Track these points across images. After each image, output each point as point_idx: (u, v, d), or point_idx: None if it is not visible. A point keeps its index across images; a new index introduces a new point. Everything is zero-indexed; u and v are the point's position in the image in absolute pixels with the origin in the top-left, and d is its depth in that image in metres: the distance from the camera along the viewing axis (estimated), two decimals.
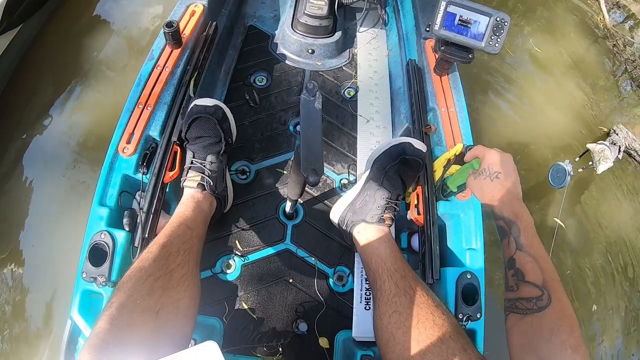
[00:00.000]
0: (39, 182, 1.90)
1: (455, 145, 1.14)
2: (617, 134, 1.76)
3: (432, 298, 0.82)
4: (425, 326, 0.74)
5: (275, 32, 1.67)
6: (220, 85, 1.48)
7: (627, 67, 2.51)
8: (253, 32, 1.66)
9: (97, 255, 0.99)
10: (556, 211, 1.78)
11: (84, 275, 0.94)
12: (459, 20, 1.13)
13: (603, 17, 2.66)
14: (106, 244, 0.99)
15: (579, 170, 1.65)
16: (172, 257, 0.88)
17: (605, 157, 1.62)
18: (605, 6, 2.66)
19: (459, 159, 1.11)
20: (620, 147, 1.71)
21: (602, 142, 1.68)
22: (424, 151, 1.03)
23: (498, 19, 1.08)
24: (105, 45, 2.34)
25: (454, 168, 1.10)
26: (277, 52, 1.59)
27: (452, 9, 1.09)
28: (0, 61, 1.97)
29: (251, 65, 1.56)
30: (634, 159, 1.82)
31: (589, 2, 2.78)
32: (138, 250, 1.03)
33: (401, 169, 1.00)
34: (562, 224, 1.77)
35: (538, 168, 1.79)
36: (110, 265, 0.94)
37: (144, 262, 0.84)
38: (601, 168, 1.65)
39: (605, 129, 1.88)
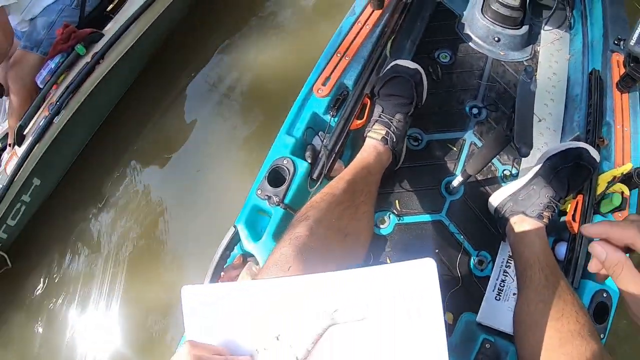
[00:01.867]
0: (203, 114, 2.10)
1: (624, 164, 1.16)
2: None
3: (577, 299, 0.85)
4: (569, 321, 0.78)
5: (463, 12, 1.73)
6: (406, 54, 1.57)
7: None
8: (442, 8, 1.72)
9: (276, 177, 1.11)
10: None
11: (258, 192, 1.05)
12: None
13: None
14: (287, 169, 1.11)
15: None
16: (357, 193, 0.99)
17: None
18: None
19: (625, 178, 1.13)
20: None
21: None
22: (598, 160, 1.05)
23: None
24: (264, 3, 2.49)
25: (619, 186, 1.12)
26: (464, 33, 1.66)
27: None
28: (173, 5, 2.07)
29: (437, 41, 1.62)
30: None
31: None
32: (316, 185, 1.14)
33: (572, 173, 1.03)
34: None
35: None
36: (286, 188, 1.05)
37: (335, 190, 0.95)
38: None
39: None
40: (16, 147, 1.57)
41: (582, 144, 1.05)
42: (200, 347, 0.50)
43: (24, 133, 1.58)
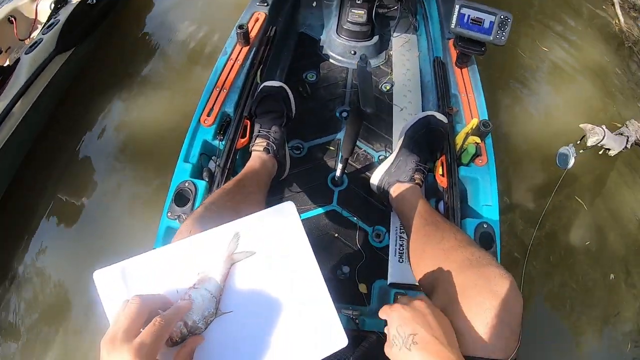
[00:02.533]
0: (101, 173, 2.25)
1: (472, 120, 1.43)
2: (628, 127, 1.99)
3: (455, 226, 0.98)
4: (449, 240, 0.88)
5: (322, 37, 2.04)
6: (278, 80, 1.82)
7: None
8: (304, 37, 2.05)
9: (181, 199, 1.20)
10: (571, 191, 2.04)
11: (169, 214, 1.18)
12: (471, 19, 1.48)
13: (618, 20, 2.91)
14: (189, 190, 1.30)
15: (580, 152, 1.90)
16: (246, 187, 1.19)
17: (594, 133, 1.88)
18: (621, 10, 2.91)
19: (476, 131, 1.39)
20: (629, 138, 1.95)
21: (596, 125, 1.94)
22: (445, 122, 1.25)
23: (502, 16, 1.37)
24: (149, 62, 2.73)
25: (472, 139, 1.38)
26: (324, 53, 1.96)
27: (464, 10, 1.41)
28: (55, 78, 2.27)
29: (303, 64, 1.82)
30: None
31: (603, 7, 3.03)
32: None
33: (427, 137, 1.23)
34: (581, 201, 2.02)
35: (551, 159, 2.04)
36: (192, 205, 1.18)
37: (226, 186, 1.15)
38: (590, 142, 1.91)
39: (619, 125, 2.12)
40: None
41: (428, 112, 1.25)
42: (122, 338, 0.48)
43: None
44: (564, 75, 2.67)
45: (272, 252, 0.66)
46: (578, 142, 1.90)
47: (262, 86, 1.46)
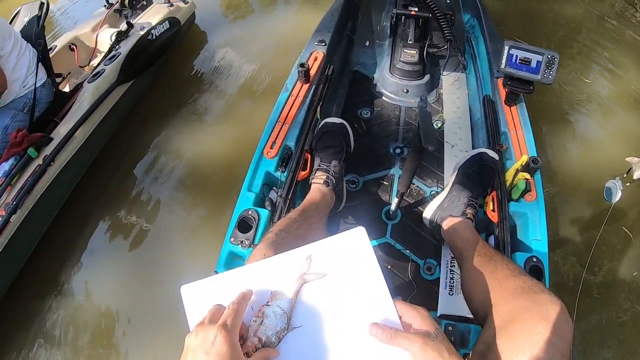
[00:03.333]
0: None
1: (521, 157, 1.48)
2: None
3: (507, 258, 1.02)
4: (502, 270, 0.91)
5: (375, 75, 2.14)
6: (333, 116, 1.91)
7: None
8: (358, 75, 2.16)
9: (244, 226, 1.26)
10: (619, 225, 2.06)
11: (232, 239, 1.23)
12: (519, 59, 1.54)
13: None
14: (253, 217, 1.28)
15: (627, 184, 1.92)
16: (309, 217, 1.26)
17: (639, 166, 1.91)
18: None
19: (525, 167, 1.41)
20: None
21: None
22: (497, 158, 1.29)
23: (549, 56, 1.44)
24: (202, 95, 2.87)
25: (522, 175, 1.43)
26: (378, 91, 1.95)
27: (513, 51, 1.47)
28: (116, 107, 2.30)
29: (357, 102, 1.90)
30: None
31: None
32: None
33: (479, 173, 1.27)
34: (629, 232, 2.03)
35: (598, 193, 2.05)
36: (254, 232, 1.24)
37: (291, 215, 1.22)
38: (636, 175, 1.92)
39: None
40: None
41: (481, 149, 1.29)
42: (205, 325, 0.58)
43: None
44: (608, 107, 2.69)
45: (343, 275, 0.68)
46: (624, 175, 1.92)
47: (323, 122, 1.55)
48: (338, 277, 0.68)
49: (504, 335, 0.75)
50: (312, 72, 1.67)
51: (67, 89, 2.52)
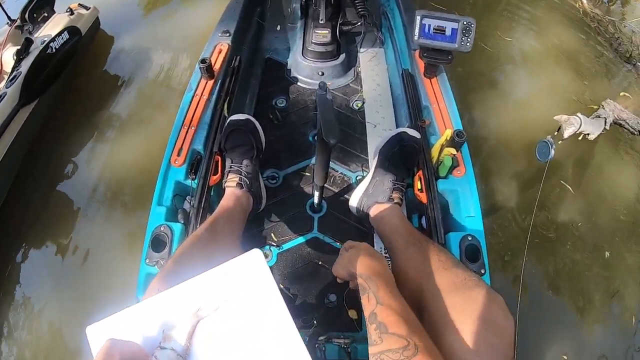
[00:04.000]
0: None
1: (445, 131, 1.43)
2: (605, 108, 2.00)
3: (437, 245, 0.97)
4: (431, 262, 0.88)
5: (288, 60, 2.04)
6: (247, 110, 1.84)
7: (612, 44, 2.72)
8: (270, 62, 2.05)
9: (158, 244, 1.18)
10: (557, 179, 2.07)
11: (147, 261, 1.16)
12: (433, 29, 1.48)
13: (581, 2, 2.95)
14: (165, 234, 1.28)
15: (559, 142, 1.91)
16: (219, 231, 1.18)
17: (570, 123, 1.89)
18: None
19: (450, 142, 1.38)
20: (606, 119, 1.95)
21: (570, 115, 1.95)
22: (418, 137, 1.25)
23: (465, 22, 1.37)
24: (115, 103, 2.75)
25: (448, 150, 1.38)
26: (292, 77, 1.97)
27: (426, 20, 1.41)
28: (22, 130, 2.17)
29: (272, 91, 1.82)
30: (624, 127, 2.03)
31: None
32: None
33: (401, 154, 1.22)
34: (568, 185, 2.05)
35: (529, 151, 2.04)
36: (169, 250, 1.17)
37: (197, 232, 1.14)
38: (567, 133, 1.91)
39: (595, 107, 2.13)
40: None
41: (400, 129, 1.25)
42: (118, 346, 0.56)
43: None
44: (533, 65, 2.69)
45: (241, 304, 0.66)
46: (555, 134, 1.90)
47: (228, 120, 1.46)
48: (236, 308, 0.66)
49: (440, 337, 0.71)
50: (217, 66, 1.56)
51: None
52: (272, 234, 1.45)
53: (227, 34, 1.70)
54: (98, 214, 2.24)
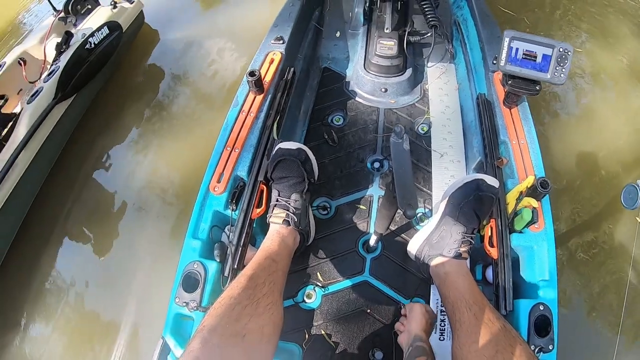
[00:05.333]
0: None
1: (527, 177, 1.22)
2: None
3: (509, 330, 0.88)
4: (503, 356, 0.81)
5: (347, 71, 1.86)
6: (300, 126, 1.66)
7: None
8: (328, 73, 1.86)
9: (190, 282, 1.11)
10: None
11: (177, 300, 1.08)
12: (523, 53, 1.25)
13: None
14: (198, 272, 1.15)
15: None
16: (259, 287, 1.02)
17: None
18: None
19: (531, 191, 1.19)
20: None
21: None
22: (497, 187, 1.12)
23: (561, 49, 1.19)
24: (154, 105, 2.65)
25: (527, 201, 1.18)
26: (352, 91, 1.74)
27: (515, 43, 1.22)
28: (56, 128, 2.25)
29: (328, 106, 1.68)
30: None
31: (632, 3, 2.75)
32: (228, 280, 1.19)
33: (475, 205, 1.09)
34: None
35: (609, 184, 1.84)
36: (201, 292, 1.08)
37: (233, 291, 0.99)
38: None
39: None
40: None
41: (478, 175, 1.11)
42: None
43: None
44: (609, 87, 2.42)
45: None
46: None
47: (277, 148, 1.29)
48: None
49: None
50: (268, 78, 1.40)
51: (18, 109, 2.37)
52: (318, 273, 1.33)
53: (281, 42, 1.55)
54: (134, 210, 2.20)
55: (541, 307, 1.01)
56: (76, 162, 2.42)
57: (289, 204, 1.24)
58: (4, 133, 2.12)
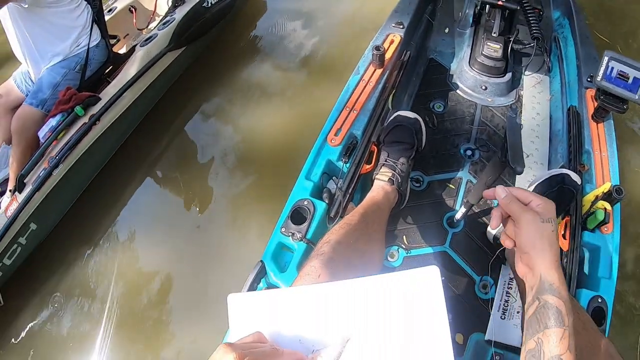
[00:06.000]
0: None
1: (604, 183, 1.36)
2: None
3: (576, 302, 0.96)
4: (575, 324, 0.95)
5: (452, 65, 2.02)
6: (405, 107, 1.81)
7: None
8: (433, 64, 2.03)
9: (297, 217, 1.21)
10: None
11: (282, 230, 1.19)
12: (618, 73, 1.41)
13: None
14: (308, 209, 1.23)
15: None
16: (370, 223, 1.17)
17: None
18: None
19: (606, 196, 1.31)
20: None
21: None
22: (579, 183, 1.22)
23: None
24: (257, 68, 2.84)
25: (602, 204, 1.32)
26: (454, 84, 1.84)
27: (612, 63, 1.38)
28: (165, 72, 2.36)
29: (431, 92, 1.81)
30: None
31: None
32: (333, 222, 1.34)
33: (558, 196, 1.19)
34: None
35: None
36: (308, 225, 1.19)
37: (351, 221, 1.14)
38: None
39: None
40: (17, 193, 1.75)
41: (564, 170, 1.22)
42: (237, 345, 0.53)
43: (25, 181, 1.77)
44: None
45: (400, 323, 0.60)
46: None
47: (396, 114, 1.45)
48: (395, 326, 0.60)
49: None
50: (387, 56, 1.56)
51: (123, 50, 2.57)
52: (404, 236, 1.45)
53: (401, 26, 1.70)
54: (224, 166, 2.34)
55: (599, 300, 1.09)
56: (172, 111, 2.61)
57: (397, 165, 1.39)
58: (108, 71, 2.34)
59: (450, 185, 1.55)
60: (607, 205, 1.24)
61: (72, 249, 1.98)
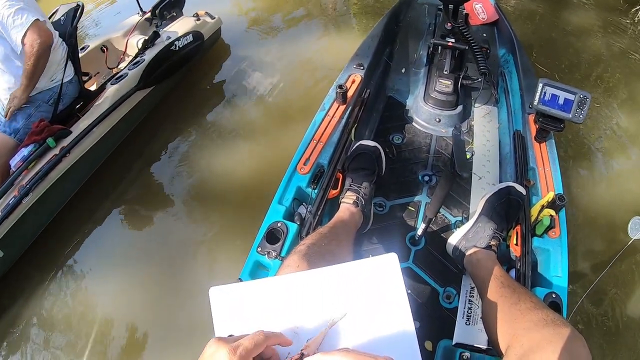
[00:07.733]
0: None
1: (547, 193, 1.52)
2: None
3: (529, 291, 1.07)
4: (525, 302, 0.95)
5: (408, 102, 2.24)
6: (366, 138, 2.01)
7: None
8: (392, 101, 2.25)
9: (272, 237, 1.32)
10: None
11: (259, 249, 1.30)
12: (551, 96, 1.54)
13: None
14: (281, 230, 1.35)
15: None
16: (339, 234, 1.32)
17: None
18: None
19: (551, 204, 1.47)
20: None
21: None
22: (524, 193, 1.37)
23: (582, 96, 1.51)
24: (220, 108, 3.04)
25: (547, 211, 1.49)
26: (410, 117, 2.00)
27: (546, 88, 1.55)
28: (133, 110, 2.50)
29: (390, 127, 1.97)
30: None
31: None
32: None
33: (506, 206, 1.35)
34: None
35: (620, 229, 2.08)
36: (282, 245, 1.31)
37: (322, 230, 1.28)
38: None
39: None
40: None
41: (509, 183, 1.37)
42: (227, 338, 0.54)
43: None
44: (631, 143, 2.74)
45: (366, 306, 0.66)
46: None
47: (357, 144, 1.64)
48: (362, 310, 0.66)
49: None
50: (349, 94, 1.75)
51: (93, 88, 2.55)
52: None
53: (362, 67, 1.90)
54: (186, 203, 2.46)
55: (553, 295, 1.18)
56: (138, 147, 2.75)
57: (360, 189, 1.56)
58: (79, 106, 2.35)
59: (411, 208, 1.69)
60: (553, 212, 1.36)
61: (39, 277, 2.05)
